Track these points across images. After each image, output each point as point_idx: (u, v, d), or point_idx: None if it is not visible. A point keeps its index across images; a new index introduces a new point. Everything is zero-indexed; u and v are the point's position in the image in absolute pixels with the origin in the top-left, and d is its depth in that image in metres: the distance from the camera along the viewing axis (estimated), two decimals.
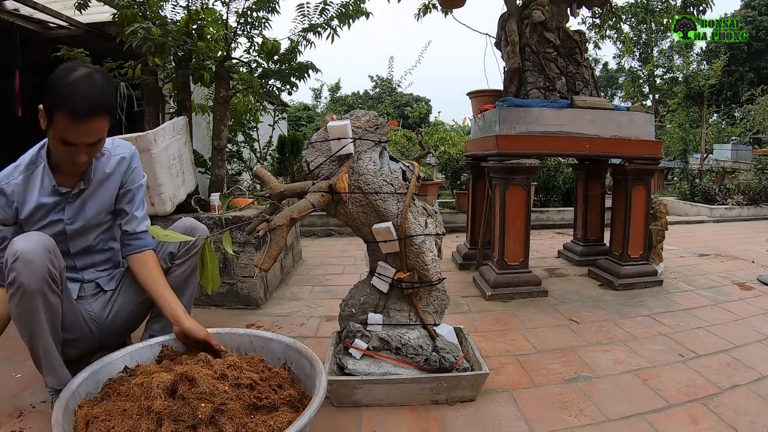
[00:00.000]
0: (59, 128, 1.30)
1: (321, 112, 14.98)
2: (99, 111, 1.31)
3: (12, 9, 3.62)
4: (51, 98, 1.28)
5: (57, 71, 1.32)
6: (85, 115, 1.28)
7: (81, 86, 1.28)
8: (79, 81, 1.28)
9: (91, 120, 1.30)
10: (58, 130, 1.31)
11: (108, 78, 1.40)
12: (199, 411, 1.10)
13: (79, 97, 1.27)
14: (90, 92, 1.29)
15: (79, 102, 1.27)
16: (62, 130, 1.30)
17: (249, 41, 3.13)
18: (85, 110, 1.28)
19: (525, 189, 2.90)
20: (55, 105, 1.27)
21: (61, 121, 1.28)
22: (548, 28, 3.11)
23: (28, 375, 1.73)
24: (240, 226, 2.46)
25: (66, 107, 1.26)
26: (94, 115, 1.30)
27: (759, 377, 1.83)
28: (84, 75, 1.30)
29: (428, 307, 1.74)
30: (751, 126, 11.68)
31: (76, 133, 1.31)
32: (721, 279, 3.33)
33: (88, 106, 1.28)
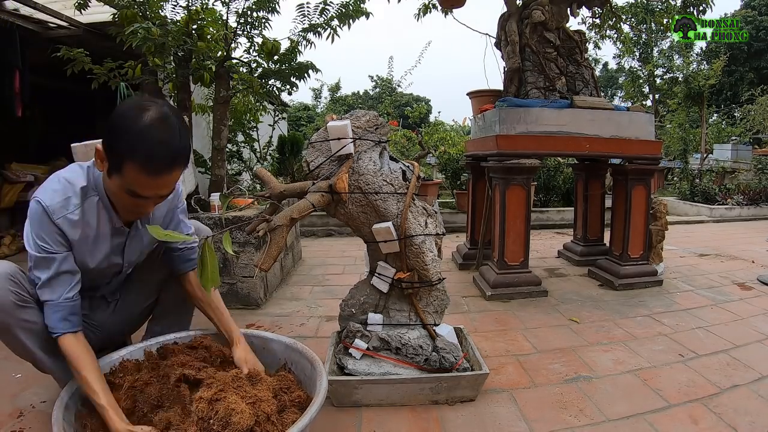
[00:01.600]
0: (129, 180, 1.14)
1: (321, 112, 14.97)
2: (176, 162, 1.15)
3: (12, 9, 3.62)
4: (120, 143, 1.11)
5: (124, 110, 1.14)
6: (161, 169, 1.13)
7: (158, 134, 1.11)
8: (154, 127, 1.11)
9: (169, 173, 1.15)
10: (128, 181, 1.14)
11: (181, 117, 1.23)
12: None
13: (157, 148, 1.10)
14: (169, 141, 1.12)
15: (157, 154, 1.11)
16: (133, 182, 1.14)
17: (249, 41, 3.13)
18: (164, 162, 1.12)
19: (525, 189, 2.90)
20: (126, 153, 1.11)
21: (132, 173, 1.12)
22: (548, 28, 3.11)
23: (28, 375, 1.73)
24: (240, 226, 2.46)
25: (140, 159, 1.10)
26: (171, 167, 1.14)
27: (759, 377, 1.83)
28: (158, 119, 1.12)
29: (428, 307, 1.74)
30: (751, 126, 11.69)
31: (149, 188, 1.16)
32: (721, 279, 3.33)
33: (168, 158, 1.13)
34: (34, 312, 1.28)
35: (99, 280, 1.48)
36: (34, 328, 1.28)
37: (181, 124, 1.20)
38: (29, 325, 1.27)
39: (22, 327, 1.26)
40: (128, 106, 1.17)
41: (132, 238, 1.43)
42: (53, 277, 1.26)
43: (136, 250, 1.48)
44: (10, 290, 1.23)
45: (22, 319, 1.25)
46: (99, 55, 3.16)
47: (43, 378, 1.61)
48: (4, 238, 3.96)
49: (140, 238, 1.47)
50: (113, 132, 1.12)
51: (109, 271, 1.46)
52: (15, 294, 1.24)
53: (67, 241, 1.28)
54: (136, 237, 1.44)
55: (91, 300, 1.55)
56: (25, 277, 1.30)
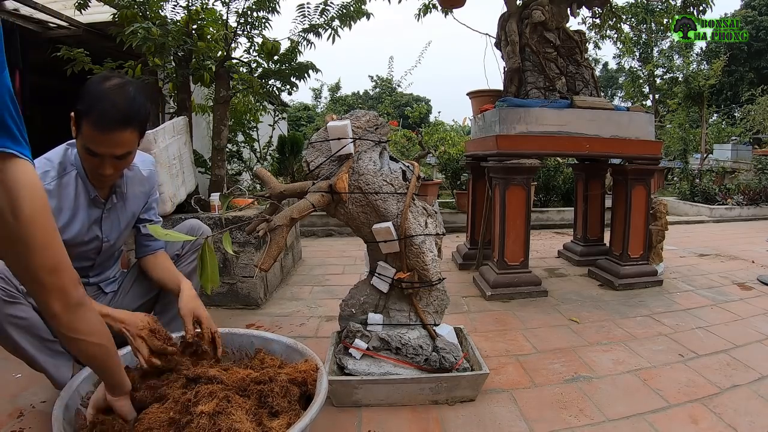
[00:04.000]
0: (85, 136, 1.26)
1: (321, 112, 14.97)
2: (127, 123, 1.26)
3: (12, 9, 3.62)
4: (80, 104, 1.24)
5: (92, 78, 1.29)
6: (111, 126, 1.23)
7: (111, 95, 1.23)
8: (110, 90, 1.24)
9: (118, 131, 1.25)
10: (84, 138, 1.27)
11: (141, 90, 1.33)
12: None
13: (107, 105, 1.22)
14: (120, 102, 1.24)
15: (106, 111, 1.22)
16: (88, 138, 1.26)
17: (249, 41, 3.13)
18: (111, 120, 1.23)
19: (525, 189, 2.90)
20: (83, 112, 1.23)
21: (87, 130, 1.24)
22: (548, 28, 3.11)
23: (28, 375, 1.73)
24: (240, 226, 2.46)
25: (93, 115, 1.22)
26: (121, 126, 1.25)
27: (759, 377, 1.83)
28: (116, 84, 1.26)
29: (428, 307, 1.74)
30: (751, 126, 11.70)
31: (101, 144, 1.26)
32: (721, 279, 3.33)
33: (115, 117, 1.23)
34: (23, 308, 1.28)
35: (83, 260, 1.51)
36: (23, 324, 1.29)
37: (138, 93, 1.30)
38: (18, 321, 1.28)
39: (12, 323, 1.27)
40: (97, 76, 1.31)
41: (109, 211, 1.50)
42: None
43: (115, 225, 1.54)
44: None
45: (10, 314, 1.26)
46: (99, 55, 3.16)
47: (43, 378, 1.60)
48: None
49: (118, 214, 1.53)
50: (80, 95, 1.25)
51: (90, 247, 1.49)
52: (2, 290, 1.25)
53: None
54: (113, 212, 1.51)
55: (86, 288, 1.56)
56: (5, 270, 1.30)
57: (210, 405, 1.14)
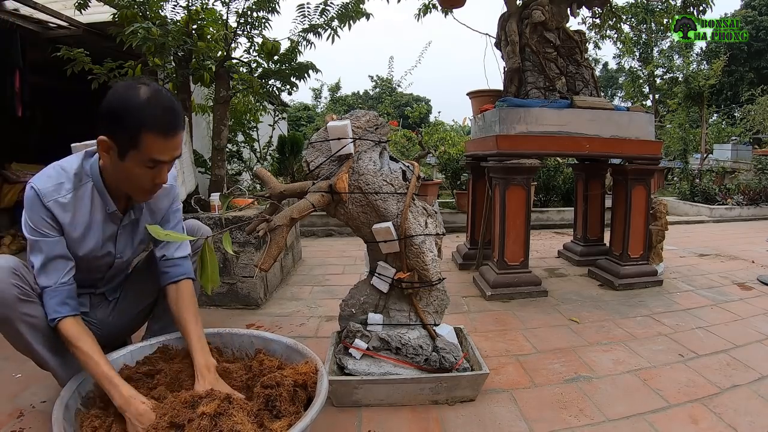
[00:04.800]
0: (148, 149, 1.21)
1: (321, 112, 14.97)
2: (182, 122, 1.29)
3: (12, 9, 3.62)
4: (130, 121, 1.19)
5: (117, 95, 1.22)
6: (174, 128, 1.24)
7: (158, 101, 1.22)
8: (153, 97, 1.22)
9: (179, 132, 1.27)
10: (147, 151, 1.22)
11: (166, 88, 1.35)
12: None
13: (163, 111, 1.21)
14: (171, 105, 1.25)
15: (166, 116, 1.21)
16: (153, 150, 1.22)
17: (249, 41, 3.13)
18: (173, 123, 1.23)
19: (525, 189, 2.90)
20: (141, 126, 1.19)
21: (151, 141, 1.20)
22: (548, 28, 3.11)
23: (28, 375, 1.73)
24: (240, 226, 2.46)
25: (156, 125, 1.20)
26: (180, 127, 1.27)
27: (759, 377, 1.83)
28: (155, 90, 1.24)
29: (428, 307, 1.74)
30: (751, 126, 11.69)
31: (167, 150, 1.24)
32: (721, 279, 3.33)
33: (174, 119, 1.24)
34: (36, 307, 1.29)
35: (93, 273, 1.48)
36: (35, 322, 1.29)
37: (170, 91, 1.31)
38: (31, 319, 1.28)
39: (24, 321, 1.27)
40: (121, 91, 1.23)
41: (125, 227, 1.46)
42: (46, 262, 1.30)
43: (129, 242, 1.49)
44: (13, 284, 1.24)
45: (24, 312, 1.26)
46: (99, 55, 3.16)
47: (43, 378, 1.61)
48: (4, 238, 3.96)
49: (133, 230, 1.48)
50: (117, 115, 1.20)
51: (102, 262, 1.46)
52: (18, 288, 1.25)
53: (59, 226, 1.31)
54: (129, 227, 1.47)
55: (92, 297, 1.56)
56: (28, 271, 1.31)
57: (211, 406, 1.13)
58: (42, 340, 1.32)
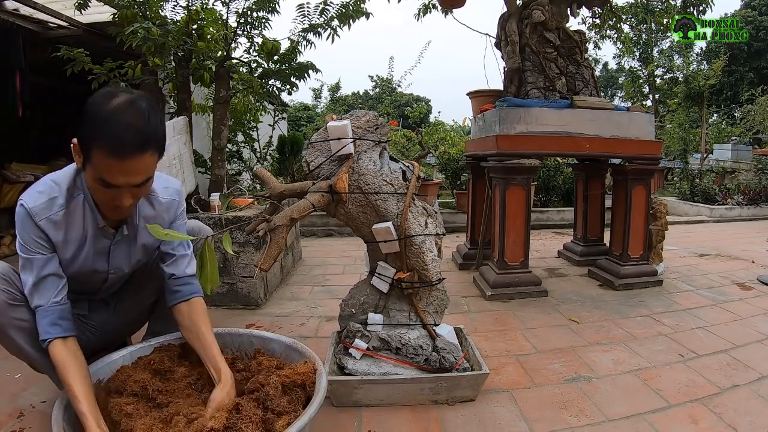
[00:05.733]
0: (98, 167, 1.10)
1: (321, 112, 14.98)
2: (146, 146, 1.10)
3: (12, 9, 3.62)
4: (86, 130, 1.08)
5: (93, 98, 1.12)
6: (129, 151, 1.08)
7: (123, 116, 1.07)
8: (120, 109, 1.08)
9: (137, 156, 1.09)
10: (97, 169, 1.10)
11: (153, 105, 1.18)
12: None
13: (121, 129, 1.06)
14: (135, 122, 1.08)
15: (123, 134, 1.06)
16: (102, 169, 1.10)
17: (249, 41, 3.14)
18: (129, 145, 1.07)
19: (525, 189, 2.90)
20: (93, 139, 1.07)
21: (100, 159, 1.08)
22: (548, 28, 3.11)
23: (28, 375, 1.73)
24: (240, 226, 2.46)
25: (106, 142, 1.06)
26: (139, 150, 1.09)
27: (759, 377, 1.83)
28: (125, 102, 1.10)
29: (428, 307, 1.74)
30: (751, 126, 11.70)
31: (119, 173, 1.10)
32: (721, 279, 3.33)
33: (134, 140, 1.08)
34: (26, 310, 1.27)
35: (88, 286, 1.44)
36: (26, 326, 1.27)
37: (151, 108, 1.15)
38: (21, 323, 1.27)
39: (14, 326, 1.26)
40: (98, 94, 1.14)
41: (118, 243, 1.38)
42: (38, 282, 1.24)
43: (125, 257, 1.42)
44: (2, 289, 1.24)
45: (14, 317, 1.25)
46: (99, 55, 3.16)
47: (43, 378, 1.60)
48: (3, 238, 3.96)
49: (128, 245, 1.41)
50: (83, 121, 1.10)
51: (96, 278, 1.40)
52: (6, 293, 1.25)
53: (51, 244, 1.26)
54: (123, 242, 1.39)
55: (90, 302, 1.55)
56: (16, 276, 1.30)
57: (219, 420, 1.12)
58: (33, 343, 1.30)
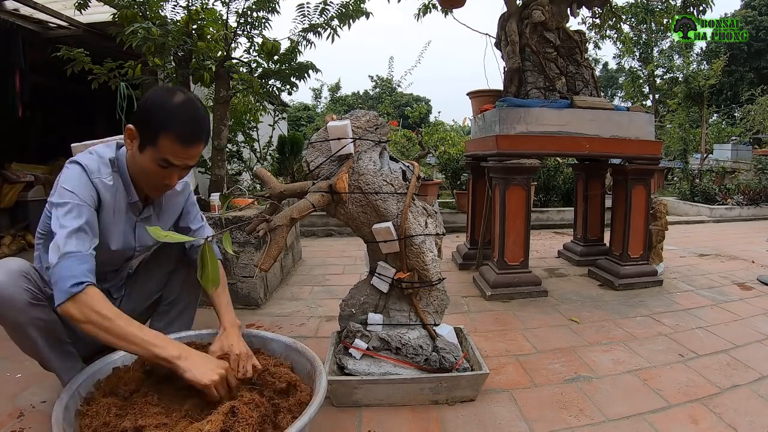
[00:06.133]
0: (164, 150, 1.28)
1: (321, 112, 14.98)
2: (205, 136, 1.34)
3: (12, 9, 3.62)
4: (157, 120, 1.27)
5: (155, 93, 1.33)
6: (194, 140, 1.31)
7: (189, 111, 1.30)
8: (185, 105, 1.29)
9: (199, 144, 1.33)
10: (162, 151, 1.28)
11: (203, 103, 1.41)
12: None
13: (189, 121, 1.29)
14: (198, 116, 1.31)
15: (189, 126, 1.29)
16: (168, 152, 1.28)
17: (249, 41, 3.13)
18: (195, 134, 1.30)
19: (525, 189, 2.90)
20: (164, 127, 1.26)
21: (168, 144, 1.27)
22: (548, 28, 3.11)
23: (28, 375, 1.73)
24: (240, 226, 2.46)
25: (178, 131, 1.27)
26: (201, 140, 1.33)
27: (759, 377, 1.83)
28: (188, 99, 1.32)
29: (428, 307, 1.74)
30: (751, 126, 11.70)
31: (182, 156, 1.31)
32: (721, 279, 3.33)
33: (197, 132, 1.31)
34: (46, 310, 1.29)
35: (109, 265, 1.52)
36: (45, 326, 1.29)
37: (204, 107, 1.37)
38: (41, 323, 1.28)
39: (35, 325, 1.27)
40: (160, 90, 1.34)
41: (143, 220, 1.50)
42: (82, 228, 1.24)
43: (147, 237, 1.51)
44: (24, 288, 1.24)
45: (34, 317, 1.26)
46: (99, 55, 3.16)
47: (43, 378, 1.61)
48: (4, 238, 3.96)
49: (152, 223, 1.52)
50: (147, 110, 1.28)
51: (122, 255, 1.50)
52: (28, 291, 1.25)
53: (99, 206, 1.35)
54: (148, 220, 1.51)
55: None
56: (38, 274, 1.32)
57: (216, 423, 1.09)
58: (50, 342, 1.33)
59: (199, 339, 1.54)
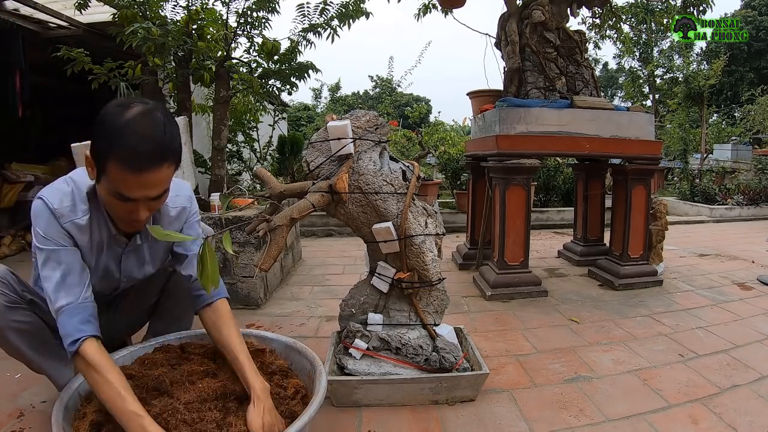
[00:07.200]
0: (114, 181, 1.06)
1: (321, 112, 14.97)
2: (163, 158, 1.06)
3: (12, 9, 3.62)
4: (100, 143, 1.05)
5: (107, 109, 1.08)
6: (146, 164, 1.04)
7: (139, 127, 1.03)
8: (135, 120, 1.04)
9: (155, 169, 1.05)
10: (113, 182, 1.06)
11: (169, 114, 1.13)
12: None
13: (138, 140, 1.02)
14: (151, 134, 1.04)
15: (140, 147, 1.02)
16: (118, 183, 1.06)
17: (249, 41, 3.14)
18: (147, 157, 1.03)
19: (525, 189, 2.90)
20: (107, 152, 1.03)
21: (116, 173, 1.04)
22: (548, 28, 3.11)
23: (28, 375, 1.73)
24: (240, 226, 2.46)
25: (121, 155, 1.02)
26: (157, 163, 1.05)
27: (759, 377, 1.83)
28: (141, 112, 1.05)
29: (428, 307, 1.74)
30: (751, 126, 11.69)
31: (135, 187, 1.06)
32: (721, 279, 3.33)
33: (152, 152, 1.04)
34: (24, 312, 1.29)
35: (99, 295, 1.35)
36: (24, 328, 1.28)
37: (168, 119, 1.11)
38: (19, 325, 1.28)
39: (12, 328, 1.27)
40: (112, 104, 1.09)
41: (129, 252, 1.36)
42: (66, 275, 1.17)
43: (136, 266, 1.40)
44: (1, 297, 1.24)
45: (12, 320, 1.26)
46: (99, 55, 3.16)
47: (43, 378, 1.60)
48: (4, 238, 3.96)
49: (141, 254, 1.39)
50: (96, 132, 1.07)
51: (108, 286, 1.39)
52: (4, 295, 1.25)
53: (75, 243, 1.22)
54: (135, 251, 1.38)
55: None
56: (14, 278, 1.30)
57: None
58: (32, 344, 1.32)
59: (199, 339, 1.54)
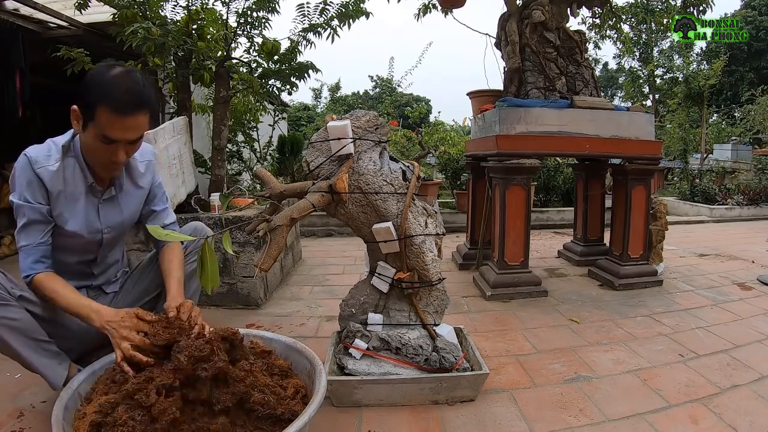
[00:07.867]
0: (101, 124, 1.29)
1: (321, 112, 14.96)
2: (142, 105, 1.32)
3: (12, 9, 3.62)
4: (92, 94, 1.28)
5: (94, 70, 1.35)
6: (130, 109, 1.29)
7: (124, 81, 1.29)
8: (121, 76, 1.29)
9: (135, 114, 1.31)
10: (100, 126, 1.29)
11: (145, 75, 1.41)
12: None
13: (123, 91, 1.27)
14: (133, 86, 1.30)
15: (123, 96, 1.27)
16: (105, 125, 1.29)
17: (249, 41, 3.13)
18: (130, 104, 1.28)
19: (525, 189, 2.90)
20: (99, 100, 1.26)
21: (104, 116, 1.28)
22: (548, 28, 3.11)
23: (28, 375, 1.72)
24: (240, 226, 2.46)
25: (111, 101, 1.26)
26: (138, 109, 1.30)
27: (759, 377, 1.83)
28: (125, 71, 1.32)
29: (428, 307, 1.74)
30: (751, 126, 11.70)
31: (119, 129, 1.30)
32: (721, 279, 3.33)
33: (133, 100, 1.29)
34: (15, 310, 1.30)
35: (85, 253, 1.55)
36: (15, 325, 1.30)
37: (144, 78, 1.37)
38: (10, 322, 1.29)
39: (4, 324, 1.28)
40: (99, 66, 1.36)
41: (106, 201, 1.52)
42: (28, 224, 1.38)
43: (115, 217, 1.55)
44: None
45: (3, 316, 1.28)
46: (99, 55, 3.15)
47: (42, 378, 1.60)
48: (3, 238, 3.96)
49: (117, 206, 1.55)
50: (86, 87, 1.29)
51: (91, 239, 1.51)
52: None
53: (47, 194, 1.40)
54: (111, 203, 1.53)
55: (89, 291, 1.59)
56: (4, 277, 1.33)
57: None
58: (24, 342, 1.33)
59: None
